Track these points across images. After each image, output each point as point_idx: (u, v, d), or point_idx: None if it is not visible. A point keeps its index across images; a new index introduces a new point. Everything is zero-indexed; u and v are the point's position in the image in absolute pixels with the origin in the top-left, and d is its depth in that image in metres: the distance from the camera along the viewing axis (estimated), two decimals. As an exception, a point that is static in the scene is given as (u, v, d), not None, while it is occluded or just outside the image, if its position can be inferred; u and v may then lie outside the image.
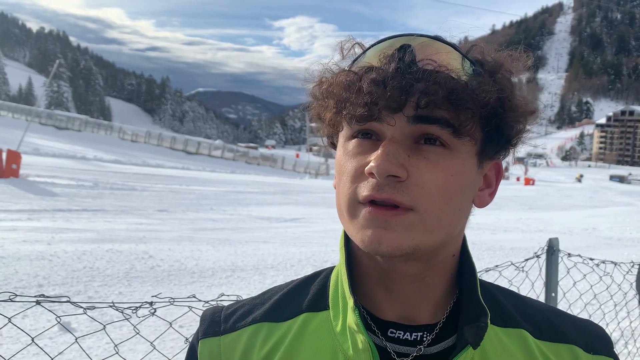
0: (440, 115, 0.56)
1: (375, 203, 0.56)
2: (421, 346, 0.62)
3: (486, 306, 0.65)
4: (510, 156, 0.71)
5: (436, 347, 0.63)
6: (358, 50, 0.64)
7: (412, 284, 0.63)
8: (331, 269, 0.73)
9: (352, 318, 0.61)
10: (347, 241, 0.68)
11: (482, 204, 0.66)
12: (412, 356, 0.62)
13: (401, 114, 0.56)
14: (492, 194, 0.67)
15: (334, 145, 0.68)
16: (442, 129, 0.56)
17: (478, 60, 0.61)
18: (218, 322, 0.70)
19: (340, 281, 0.67)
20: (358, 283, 0.66)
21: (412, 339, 0.63)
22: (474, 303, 0.63)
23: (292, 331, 0.66)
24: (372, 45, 0.62)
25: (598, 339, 0.70)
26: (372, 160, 0.56)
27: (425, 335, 0.63)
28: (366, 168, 0.57)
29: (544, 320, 0.70)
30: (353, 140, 0.61)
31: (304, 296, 0.70)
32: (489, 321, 0.61)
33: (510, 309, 0.69)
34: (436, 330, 0.63)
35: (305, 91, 0.67)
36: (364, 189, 0.57)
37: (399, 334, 0.63)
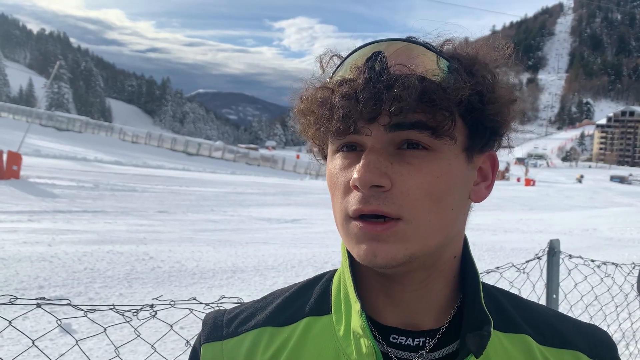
0: (416, 119, 0.55)
1: (364, 217, 0.56)
2: (422, 351, 0.62)
3: (490, 311, 0.64)
4: (509, 153, 0.71)
5: (438, 353, 0.62)
6: (337, 62, 0.64)
7: (414, 291, 0.62)
8: (333, 272, 0.72)
9: (357, 322, 0.61)
10: None
11: (479, 198, 0.64)
12: None
13: (377, 123, 0.56)
14: (489, 187, 0.66)
15: (325, 158, 0.68)
16: (421, 133, 0.56)
17: (453, 56, 0.60)
18: (220, 326, 0.70)
19: (343, 285, 0.67)
20: (359, 289, 0.65)
21: (414, 344, 0.63)
22: (477, 310, 0.62)
23: (295, 335, 0.66)
24: (348, 56, 0.61)
25: (602, 345, 0.69)
26: (355, 172, 0.56)
27: (427, 341, 0.63)
28: (350, 181, 0.57)
29: (548, 326, 0.69)
30: (339, 154, 0.61)
31: (306, 300, 0.69)
32: (491, 329, 0.61)
33: (513, 313, 0.69)
34: (438, 335, 0.63)
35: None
36: (352, 203, 0.57)
37: (401, 339, 0.63)
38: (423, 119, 0.55)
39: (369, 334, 0.59)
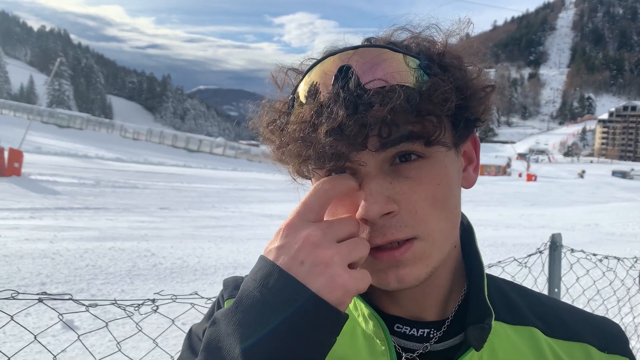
0: (406, 131, 0.52)
1: (379, 248, 0.54)
2: (427, 344, 0.61)
3: (497, 303, 0.64)
4: (513, 152, 0.69)
5: (443, 345, 0.62)
6: (292, 75, 0.60)
7: (418, 288, 0.61)
8: None
9: (370, 324, 0.62)
10: None
11: (470, 183, 0.64)
12: (417, 352, 0.61)
13: (367, 150, 0.52)
14: (476, 169, 0.65)
15: (304, 177, 0.63)
16: (413, 143, 0.53)
17: (425, 54, 0.56)
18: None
19: None
20: None
21: (418, 334, 0.62)
22: (479, 303, 0.62)
23: None
24: (307, 71, 0.57)
25: (613, 338, 0.67)
26: (361, 205, 0.53)
27: (432, 332, 0.62)
28: (357, 214, 0.54)
29: (556, 318, 0.68)
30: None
31: None
32: (492, 323, 0.60)
33: (521, 305, 0.68)
34: (444, 327, 0.62)
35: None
36: (364, 237, 0.54)
37: (405, 328, 0.63)
38: (412, 129, 0.52)
39: (386, 332, 0.61)
